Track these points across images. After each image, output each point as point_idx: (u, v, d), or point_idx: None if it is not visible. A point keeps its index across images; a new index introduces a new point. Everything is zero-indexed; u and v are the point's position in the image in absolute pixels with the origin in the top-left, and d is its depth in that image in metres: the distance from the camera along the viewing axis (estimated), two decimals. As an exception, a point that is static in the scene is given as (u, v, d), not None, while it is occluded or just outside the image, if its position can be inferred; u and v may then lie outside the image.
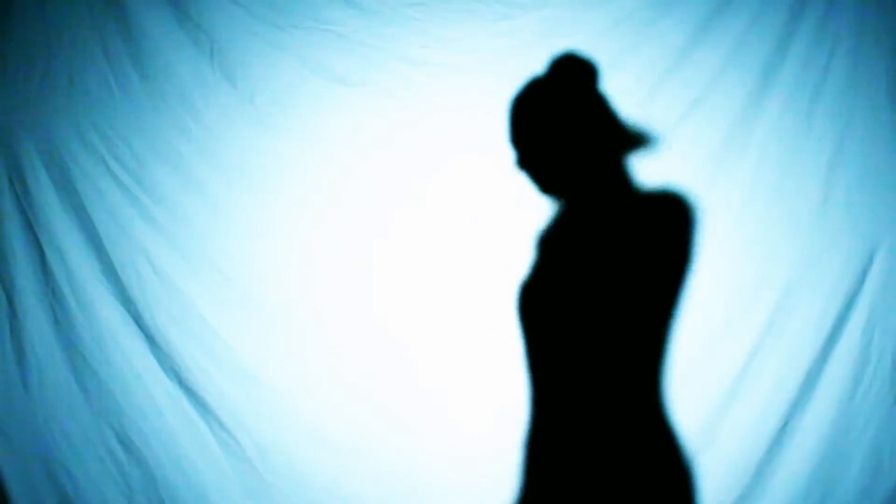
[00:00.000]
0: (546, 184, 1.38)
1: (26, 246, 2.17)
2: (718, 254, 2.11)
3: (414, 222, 2.19)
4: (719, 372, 2.08)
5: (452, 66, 2.19)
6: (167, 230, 2.17)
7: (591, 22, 2.17)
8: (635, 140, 1.43)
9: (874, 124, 2.10)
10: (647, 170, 2.14)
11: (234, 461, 2.15)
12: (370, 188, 2.19)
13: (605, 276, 1.26)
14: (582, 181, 1.35)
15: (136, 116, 2.18)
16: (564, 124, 1.35)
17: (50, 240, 2.16)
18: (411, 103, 2.19)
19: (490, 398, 2.12)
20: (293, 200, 2.20)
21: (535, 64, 2.14)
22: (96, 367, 2.16)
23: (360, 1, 2.19)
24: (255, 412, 2.14)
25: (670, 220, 1.27)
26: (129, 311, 2.16)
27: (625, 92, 2.12)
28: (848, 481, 2.07)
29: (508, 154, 2.17)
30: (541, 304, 1.34)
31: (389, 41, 2.19)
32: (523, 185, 2.12)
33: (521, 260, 2.16)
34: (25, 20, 2.18)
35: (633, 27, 2.15)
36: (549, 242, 1.42)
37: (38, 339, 2.16)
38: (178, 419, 2.15)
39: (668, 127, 2.13)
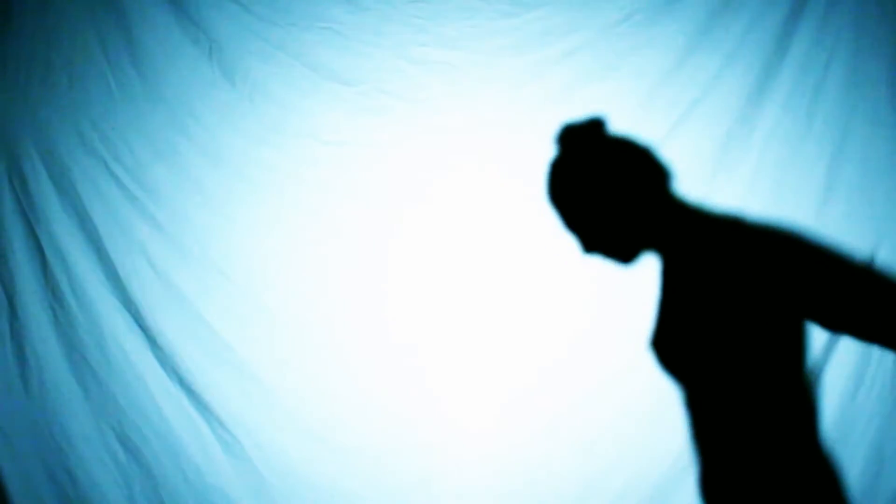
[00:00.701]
0: (626, 252, 1.40)
1: (26, 246, 2.17)
2: (718, 254, 2.11)
3: (413, 221, 2.19)
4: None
5: (452, 65, 2.18)
6: (167, 230, 2.17)
7: (592, 21, 2.17)
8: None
9: (874, 124, 2.10)
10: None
11: (235, 461, 2.15)
12: (370, 187, 2.19)
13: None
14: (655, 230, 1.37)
15: (135, 116, 2.18)
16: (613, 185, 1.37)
17: (50, 240, 2.16)
18: (411, 101, 2.18)
19: (492, 400, 2.12)
20: (292, 199, 2.19)
21: (537, 61, 2.15)
22: (96, 367, 2.16)
23: (359, -1, 2.19)
24: (255, 412, 2.14)
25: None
26: (129, 310, 2.16)
27: (625, 91, 2.14)
28: (849, 482, 2.06)
29: (510, 154, 2.17)
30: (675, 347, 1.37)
31: (389, 39, 2.19)
32: (524, 184, 2.13)
33: (523, 261, 2.17)
34: (25, 20, 2.18)
35: (634, 27, 2.15)
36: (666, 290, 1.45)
37: (39, 339, 2.16)
38: (179, 419, 2.15)
39: (669, 126, 2.13)
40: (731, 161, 2.12)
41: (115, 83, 2.18)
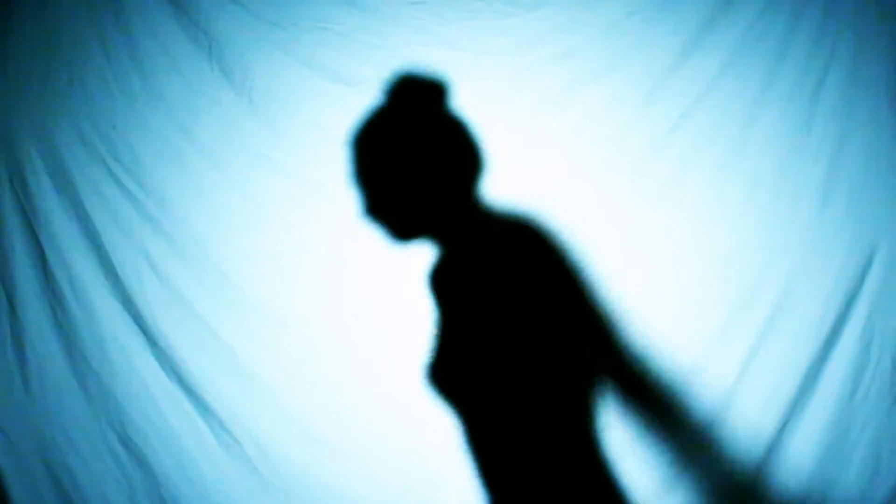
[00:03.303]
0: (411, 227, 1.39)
1: (27, 246, 2.18)
2: (717, 254, 2.11)
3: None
4: (718, 372, 2.08)
5: (453, 65, 2.18)
6: (167, 230, 2.17)
7: (593, 20, 2.17)
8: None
9: (874, 125, 2.11)
10: (645, 169, 2.15)
11: (235, 461, 2.15)
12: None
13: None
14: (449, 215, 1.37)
15: (135, 116, 2.18)
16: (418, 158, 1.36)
17: (50, 240, 2.16)
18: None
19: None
20: (292, 199, 2.19)
21: (537, 61, 2.15)
22: (97, 367, 2.16)
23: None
24: (255, 412, 2.14)
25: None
26: (129, 311, 2.17)
27: (626, 91, 2.15)
28: (847, 482, 2.07)
29: (510, 153, 2.17)
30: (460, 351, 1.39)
31: (389, 40, 2.19)
32: (525, 183, 2.13)
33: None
34: (25, 20, 2.18)
35: (635, 26, 2.15)
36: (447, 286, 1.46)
37: (39, 339, 2.17)
38: (179, 419, 2.16)
39: (669, 126, 2.13)
40: (732, 161, 2.12)
41: (115, 83, 2.18)
